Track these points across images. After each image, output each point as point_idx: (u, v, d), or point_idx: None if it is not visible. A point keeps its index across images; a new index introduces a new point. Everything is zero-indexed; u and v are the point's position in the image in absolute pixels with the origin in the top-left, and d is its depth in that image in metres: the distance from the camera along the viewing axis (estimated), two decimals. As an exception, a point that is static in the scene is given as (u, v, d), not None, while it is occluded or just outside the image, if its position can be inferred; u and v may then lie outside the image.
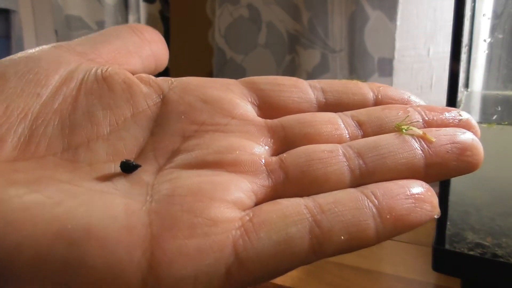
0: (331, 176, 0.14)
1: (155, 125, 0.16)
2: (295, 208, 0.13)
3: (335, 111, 0.17)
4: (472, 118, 0.17)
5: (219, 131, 0.16)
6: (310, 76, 0.67)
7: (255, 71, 0.73)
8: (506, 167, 0.31)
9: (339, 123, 0.17)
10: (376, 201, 0.13)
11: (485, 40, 0.33)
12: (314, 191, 0.14)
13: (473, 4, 0.31)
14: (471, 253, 0.31)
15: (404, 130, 0.16)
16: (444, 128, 0.16)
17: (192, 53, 0.85)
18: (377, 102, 0.18)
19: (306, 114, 0.17)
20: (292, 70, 0.70)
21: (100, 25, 0.88)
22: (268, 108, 0.18)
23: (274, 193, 0.14)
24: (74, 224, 0.12)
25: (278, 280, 0.35)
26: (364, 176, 0.15)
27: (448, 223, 0.32)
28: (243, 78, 0.18)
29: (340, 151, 0.15)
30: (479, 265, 0.30)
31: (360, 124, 0.17)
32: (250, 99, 0.18)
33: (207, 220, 0.13)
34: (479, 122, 0.31)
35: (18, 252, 0.11)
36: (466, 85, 0.34)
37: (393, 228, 0.13)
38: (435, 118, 0.17)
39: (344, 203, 0.13)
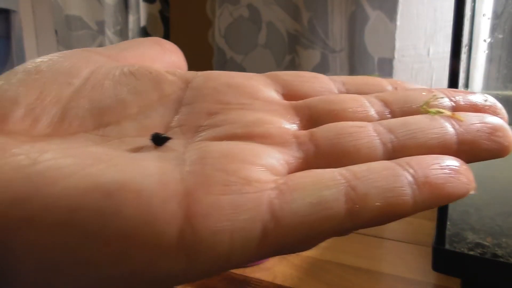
0: (362, 149, 0.14)
1: (180, 106, 0.17)
2: (329, 174, 0.13)
3: None
4: (497, 101, 0.16)
5: (245, 109, 0.16)
6: (310, 76, 0.67)
7: (255, 71, 0.73)
8: (506, 167, 0.31)
9: (364, 101, 0.17)
10: (411, 170, 0.13)
11: (485, 40, 0.33)
12: (346, 163, 0.14)
13: (473, 4, 0.31)
14: (471, 253, 0.31)
15: (432, 113, 0.15)
16: (471, 113, 0.16)
17: (192, 53, 0.84)
18: None
19: (330, 95, 0.18)
20: (292, 70, 0.70)
21: (100, 25, 0.88)
22: (292, 96, 0.18)
23: (306, 166, 0.14)
24: (109, 178, 0.12)
25: (278, 280, 0.35)
26: (396, 150, 0.14)
27: (448, 223, 0.32)
28: (264, 73, 0.19)
29: (370, 126, 0.15)
30: (479, 265, 0.30)
31: (385, 102, 0.17)
32: (273, 88, 0.18)
33: (241, 179, 0.13)
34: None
35: (52, 204, 0.11)
36: (466, 85, 0.34)
37: (430, 197, 0.13)
38: (460, 99, 0.16)
39: (378, 171, 0.13)
